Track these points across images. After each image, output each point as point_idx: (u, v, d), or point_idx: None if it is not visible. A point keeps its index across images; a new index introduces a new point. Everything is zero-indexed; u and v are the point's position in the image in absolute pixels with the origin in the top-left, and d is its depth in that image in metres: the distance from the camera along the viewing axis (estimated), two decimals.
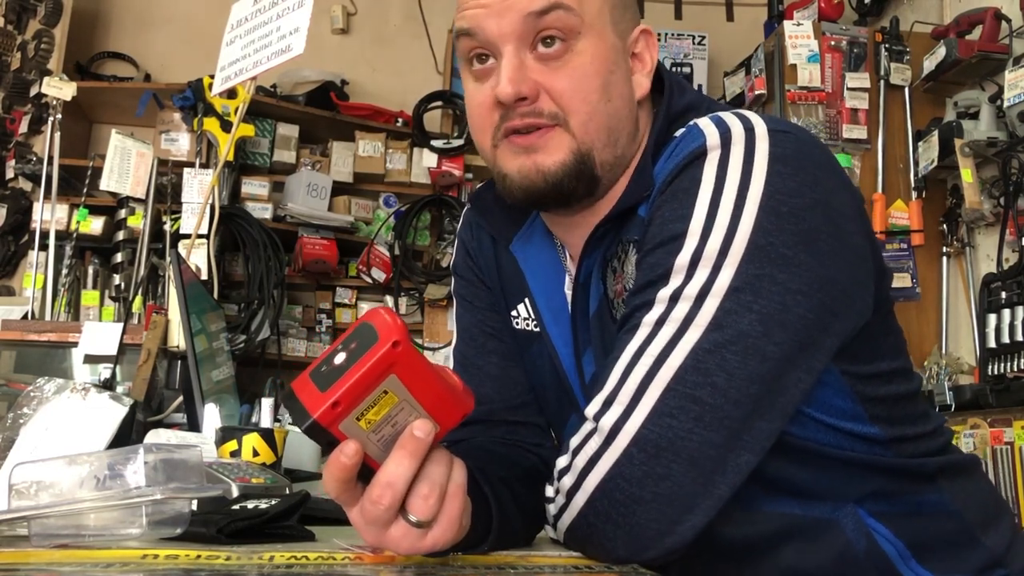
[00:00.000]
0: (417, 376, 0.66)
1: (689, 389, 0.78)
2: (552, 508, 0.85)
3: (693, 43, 4.42)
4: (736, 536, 0.89)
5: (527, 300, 1.06)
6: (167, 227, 3.54)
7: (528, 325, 1.07)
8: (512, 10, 0.89)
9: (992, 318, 2.79)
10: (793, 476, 0.89)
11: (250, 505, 0.90)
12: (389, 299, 4.12)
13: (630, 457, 0.78)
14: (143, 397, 1.93)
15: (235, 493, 0.99)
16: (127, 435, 1.27)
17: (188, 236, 3.02)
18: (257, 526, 0.83)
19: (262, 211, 3.84)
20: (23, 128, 3.83)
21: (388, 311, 0.67)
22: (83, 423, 1.22)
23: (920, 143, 3.30)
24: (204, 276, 2.92)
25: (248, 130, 3.74)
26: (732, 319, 0.79)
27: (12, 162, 3.80)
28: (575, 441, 0.83)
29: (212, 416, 1.56)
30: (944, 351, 3.23)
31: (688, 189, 0.85)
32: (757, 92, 3.55)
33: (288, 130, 4.03)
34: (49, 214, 3.49)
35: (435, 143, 4.12)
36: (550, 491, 0.86)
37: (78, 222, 3.70)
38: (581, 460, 0.81)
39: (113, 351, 2.25)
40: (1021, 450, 2.48)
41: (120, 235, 3.73)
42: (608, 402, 0.81)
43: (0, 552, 0.75)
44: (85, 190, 3.73)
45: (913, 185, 3.37)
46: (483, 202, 1.08)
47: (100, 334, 2.42)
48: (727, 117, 0.88)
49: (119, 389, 1.94)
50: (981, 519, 0.96)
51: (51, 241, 3.51)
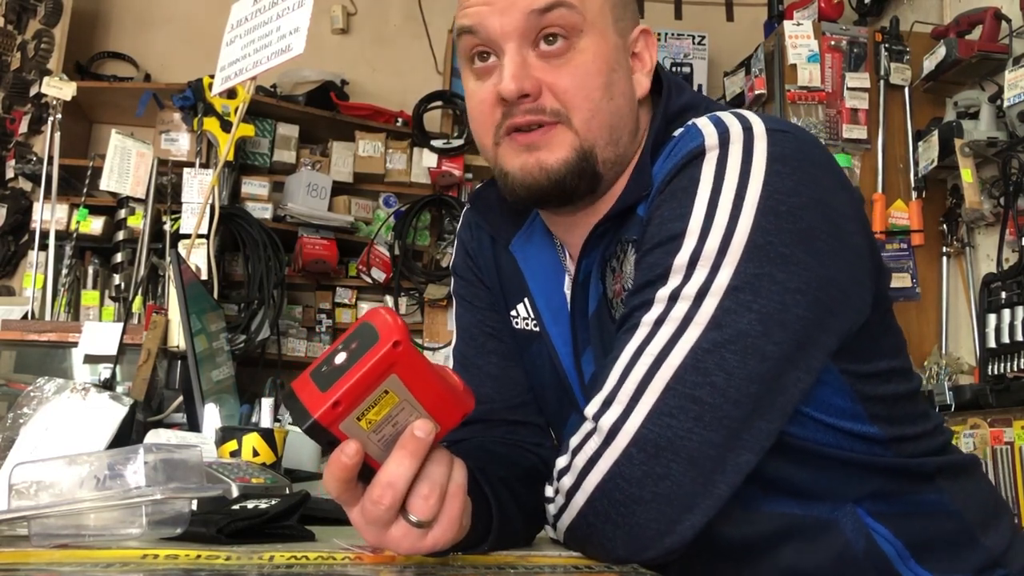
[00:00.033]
0: (418, 376, 0.66)
1: (688, 389, 0.78)
2: (552, 508, 0.85)
3: (693, 43, 4.42)
4: (735, 536, 0.89)
5: (527, 300, 1.06)
6: (167, 227, 3.53)
7: (528, 325, 1.07)
8: (515, 7, 0.89)
9: (992, 318, 2.79)
10: (792, 476, 0.89)
11: (250, 505, 0.90)
12: (389, 299, 4.12)
13: (629, 457, 0.78)
14: (143, 397, 1.93)
15: (235, 493, 0.99)
16: (127, 435, 1.27)
17: (188, 236, 3.02)
18: (257, 526, 0.83)
19: (262, 211, 3.84)
20: (23, 128, 3.83)
21: (389, 311, 0.67)
22: (83, 423, 1.22)
23: (920, 143, 3.30)
24: (204, 276, 2.92)
25: (248, 130, 3.73)
26: (731, 318, 0.79)
27: (12, 162, 3.80)
28: (574, 441, 0.83)
29: (212, 416, 1.56)
30: (944, 351, 3.23)
31: (687, 188, 0.85)
32: (757, 92, 3.55)
33: (288, 130, 4.02)
34: (49, 214, 3.49)
35: (435, 143, 4.12)
36: (550, 491, 0.86)
37: (78, 222, 3.69)
38: (580, 460, 0.81)
39: (113, 351, 2.25)
40: (1021, 450, 2.48)
41: (120, 235, 3.73)
42: (607, 402, 0.81)
43: (0, 552, 0.75)
44: (85, 190, 3.73)
45: (913, 185, 3.37)
46: (483, 202, 1.08)
47: (100, 334, 2.42)
48: (725, 117, 0.88)
49: (119, 389, 1.94)
50: (981, 519, 0.96)
51: (51, 241, 3.51)
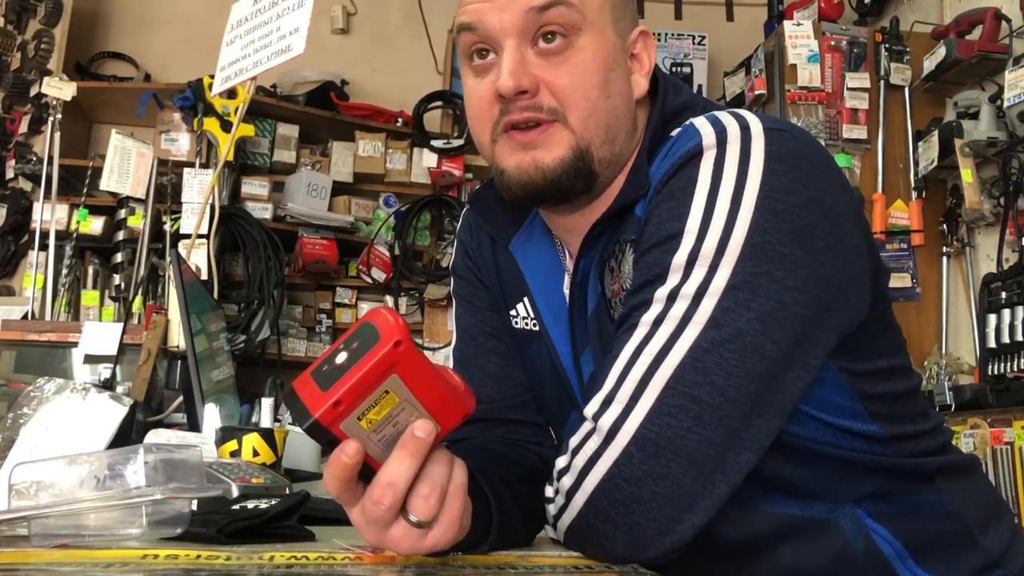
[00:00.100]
0: (418, 376, 0.66)
1: (688, 388, 0.78)
2: (552, 508, 0.85)
3: (693, 43, 4.42)
4: (734, 536, 0.89)
5: (526, 299, 1.06)
6: (167, 227, 3.53)
7: (527, 324, 1.07)
8: (514, 5, 0.90)
9: (992, 318, 2.79)
10: (791, 476, 0.89)
11: (250, 505, 0.90)
12: (389, 299, 4.12)
13: (629, 456, 0.78)
14: (143, 397, 1.93)
15: (235, 493, 0.99)
16: (127, 435, 1.27)
17: (188, 236, 3.01)
18: (257, 526, 0.83)
19: (262, 211, 3.84)
20: (23, 128, 3.83)
21: (390, 311, 0.67)
22: (83, 423, 1.22)
23: (920, 143, 3.30)
24: (204, 276, 2.92)
25: (248, 130, 3.73)
26: (730, 317, 0.79)
27: (12, 162, 3.80)
28: (574, 441, 0.83)
29: (212, 416, 1.56)
30: (944, 351, 3.23)
31: (684, 188, 0.85)
32: (757, 92, 3.55)
33: (288, 130, 4.02)
34: (49, 214, 3.49)
35: (435, 143, 4.12)
36: (549, 491, 0.86)
37: (78, 222, 3.69)
38: (580, 460, 0.81)
39: (113, 351, 2.25)
40: (1021, 450, 2.48)
41: (120, 235, 3.72)
42: (607, 401, 0.81)
43: (0, 552, 0.75)
44: (85, 190, 3.73)
45: (913, 185, 3.37)
46: (482, 202, 1.08)
47: (100, 334, 2.41)
48: (723, 116, 0.89)
49: (119, 389, 1.94)
50: (980, 519, 0.96)
51: (51, 241, 3.51)
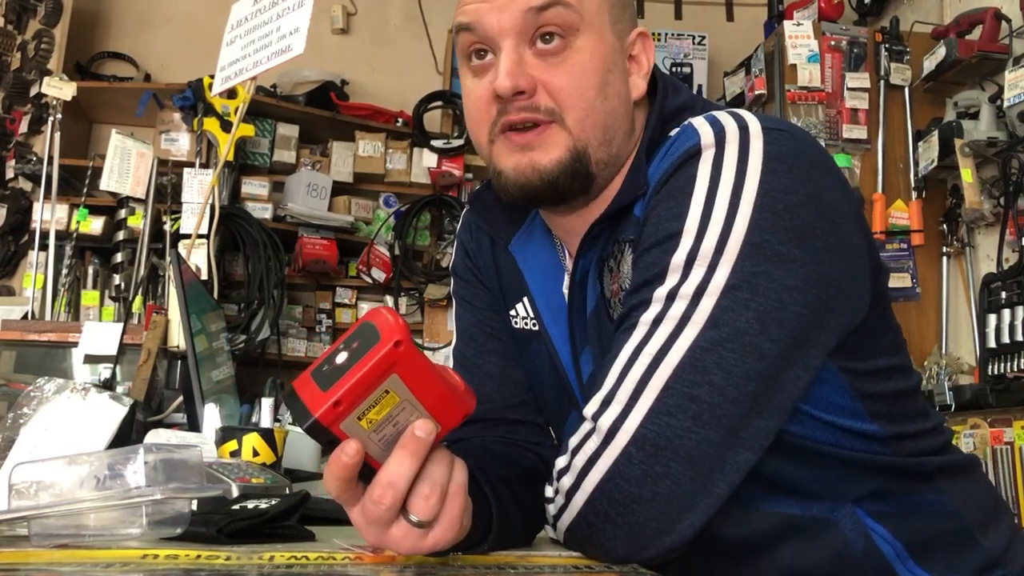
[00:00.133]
0: (419, 376, 0.66)
1: (687, 388, 0.78)
2: (552, 508, 0.85)
3: (693, 43, 4.42)
4: (734, 535, 0.89)
5: (526, 299, 1.06)
6: (167, 227, 3.53)
7: (527, 324, 1.07)
8: (513, 5, 0.90)
9: (992, 318, 2.79)
10: (791, 475, 0.89)
11: (250, 505, 0.90)
12: (389, 299, 4.12)
13: (629, 456, 0.78)
14: (143, 397, 1.93)
15: (235, 493, 0.99)
16: (127, 435, 1.27)
17: (188, 236, 3.02)
18: (257, 526, 0.83)
19: (262, 211, 3.84)
20: (23, 128, 3.83)
21: (390, 311, 0.67)
22: (83, 423, 1.22)
23: (920, 143, 3.30)
24: (204, 276, 2.92)
25: (248, 130, 3.73)
26: (729, 317, 0.79)
27: (12, 162, 3.80)
28: (574, 441, 0.83)
29: (212, 416, 1.56)
30: (944, 351, 3.23)
31: (683, 188, 0.85)
32: (757, 92, 3.55)
33: (288, 130, 4.02)
34: (49, 214, 3.49)
35: (435, 143, 4.12)
36: (549, 491, 0.86)
37: (78, 222, 3.69)
38: (580, 460, 0.81)
39: (113, 351, 2.25)
40: (1021, 450, 2.48)
41: (120, 235, 3.73)
42: (606, 401, 0.81)
43: (0, 552, 0.75)
44: (85, 190, 3.73)
45: (913, 185, 3.37)
46: (482, 203, 1.08)
47: (100, 334, 2.42)
48: (721, 116, 0.89)
49: (119, 389, 1.94)
50: (980, 519, 0.96)
51: (51, 241, 3.51)
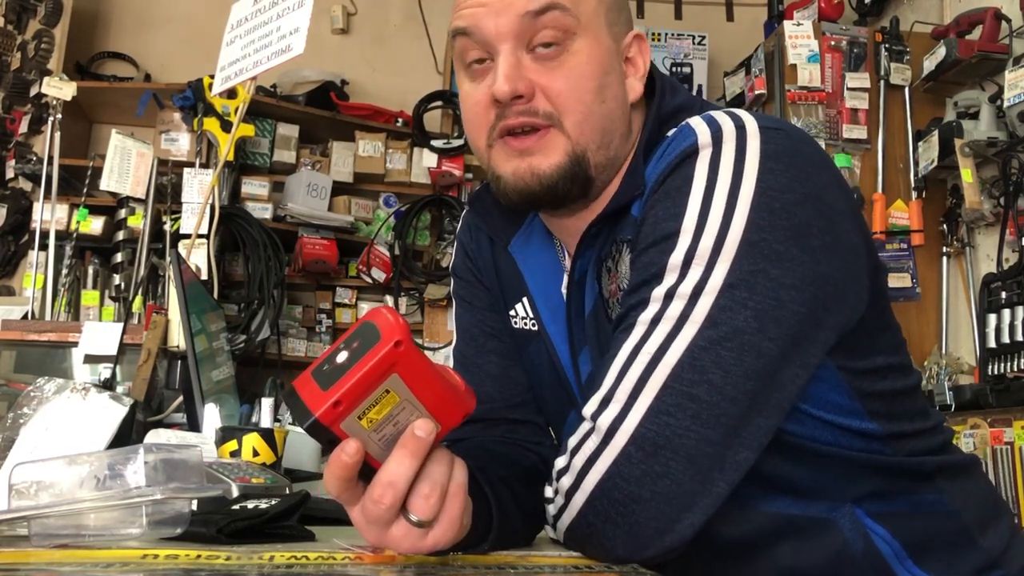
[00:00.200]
0: (419, 376, 0.66)
1: (686, 387, 0.78)
2: (551, 508, 0.85)
3: (693, 43, 4.42)
4: (733, 535, 0.89)
5: (525, 299, 1.07)
6: (167, 227, 3.54)
7: (526, 324, 1.07)
8: (510, 9, 0.90)
9: (992, 318, 2.79)
10: (790, 475, 0.89)
11: (250, 505, 0.90)
12: (389, 299, 4.12)
13: (628, 456, 0.78)
14: (143, 397, 1.93)
15: (235, 493, 0.99)
16: (127, 435, 1.27)
17: (188, 236, 3.02)
18: (257, 526, 0.83)
19: (262, 211, 3.84)
20: (23, 128, 3.83)
21: (390, 310, 0.67)
22: (83, 423, 1.22)
23: (920, 143, 3.30)
24: (204, 276, 2.92)
25: (248, 130, 3.73)
26: (727, 316, 0.79)
27: (12, 162, 3.80)
28: (573, 441, 0.83)
29: (212, 416, 1.56)
30: (944, 351, 3.23)
31: (680, 188, 0.85)
32: (757, 92, 3.55)
33: (288, 130, 4.02)
34: (49, 214, 3.49)
35: (435, 143, 4.12)
36: (549, 492, 0.86)
37: (78, 222, 3.69)
38: (579, 460, 0.82)
39: (113, 351, 2.25)
40: (1021, 450, 2.48)
41: (120, 235, 3.73)
42: (605, 401, 0.81)
43: (0, 552, 0.75)
44: (85, 190, 3.73)
45: (913, 185, 3.37)
46: (482, 204, 1.08)
47: (100, 334, 2.42)
48: (718, 115, 0.89)
49: (119, 389, 1.94)
50: (979, 520, 0.96)
51: (51, 241, 3.51)
